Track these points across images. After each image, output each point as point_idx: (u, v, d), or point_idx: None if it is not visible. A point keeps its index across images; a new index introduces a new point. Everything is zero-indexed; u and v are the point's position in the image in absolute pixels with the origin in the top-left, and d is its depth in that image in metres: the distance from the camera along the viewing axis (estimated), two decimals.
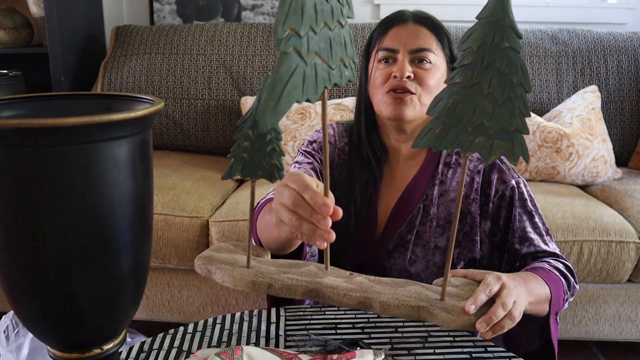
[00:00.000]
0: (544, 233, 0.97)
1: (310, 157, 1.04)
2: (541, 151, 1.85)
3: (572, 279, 0.92)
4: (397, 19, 0.98)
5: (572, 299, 0.92)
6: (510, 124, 0.59)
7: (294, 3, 0.45)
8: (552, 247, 0.97)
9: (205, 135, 2.20)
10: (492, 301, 0.70)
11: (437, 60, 0.95)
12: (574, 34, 2.18)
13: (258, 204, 0.93)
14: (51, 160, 0.45)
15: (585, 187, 1.92)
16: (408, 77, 0.93)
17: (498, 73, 0.59)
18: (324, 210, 0.62)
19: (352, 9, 0.52)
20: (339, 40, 0.50)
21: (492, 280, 0.71)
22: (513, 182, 0.96)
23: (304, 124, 1.92)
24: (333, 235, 0.64)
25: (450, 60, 0.98)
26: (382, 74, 0.96)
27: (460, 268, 0.95)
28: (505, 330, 0.69)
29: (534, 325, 0.87)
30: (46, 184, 0.45)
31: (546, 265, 0.90)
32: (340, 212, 0.64)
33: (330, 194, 0.64)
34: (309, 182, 0.66)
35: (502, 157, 0.98)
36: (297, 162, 1.04)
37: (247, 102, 2.03)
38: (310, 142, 1.07)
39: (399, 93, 0.93)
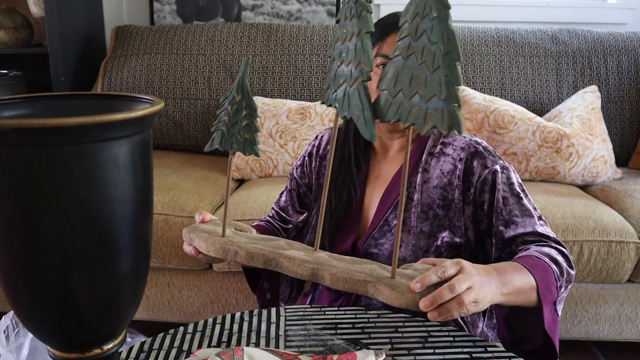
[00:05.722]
0: (534, 216, 0.96)
1: (293, 183, 1.17)
2: (541, 151, 1.85)
3: (564, 264, 0.88)
4: (395, 24, 0.98)
5: (570, 285, 0.90)
6: (441, 93, 0.59)
7: None
8: (543, 230, 0.94)
9: (205, 135, 2.19)
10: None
11: None
12: (574, 34, 2.18)
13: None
14: (51, 160, 0.45)
15: (585, 187, 1.92)
16: None
17: (428, 42, 0.60)
18: None
19: None
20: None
21: (449, 264, 0.71)
22: (496, 166, 0.97)
23: (304, 124, 1.92)
24: None
25: None
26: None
27: (444, 250, 0.97)
28: (455, 316, 0.68)
29: (534, 316, 0.85)
30: (46, 184, 0.45)
31: (533, 252, 0.87)
32: None
33: None
34: None
35: (487, 146, 1.00)
36: (287, 186, 1.19)
37: None
38: (296, 167, 1.18)
39: None
